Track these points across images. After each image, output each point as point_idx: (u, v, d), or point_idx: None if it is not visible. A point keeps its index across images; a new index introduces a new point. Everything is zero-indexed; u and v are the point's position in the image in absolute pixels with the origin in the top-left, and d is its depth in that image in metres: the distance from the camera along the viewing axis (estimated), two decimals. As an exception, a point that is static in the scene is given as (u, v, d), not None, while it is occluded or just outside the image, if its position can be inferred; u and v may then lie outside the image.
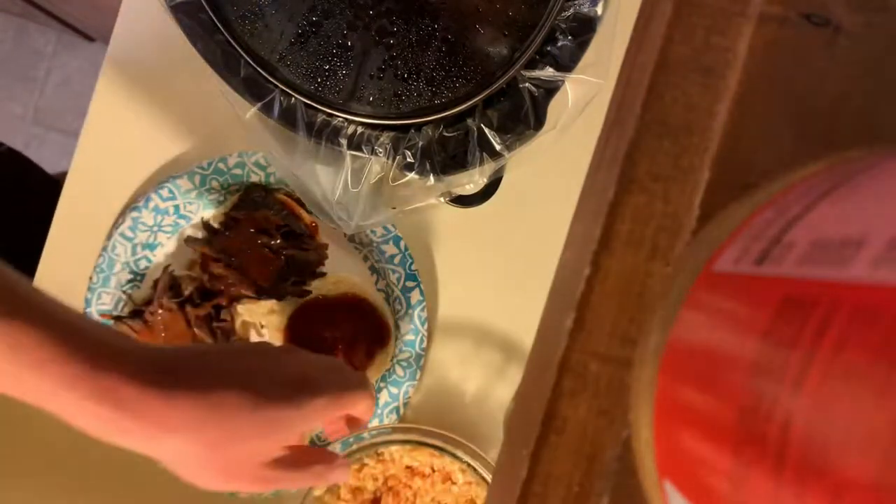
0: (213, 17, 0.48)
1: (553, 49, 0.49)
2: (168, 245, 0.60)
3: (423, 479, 0.58)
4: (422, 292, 0.60)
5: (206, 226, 0.60)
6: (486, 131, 0.50)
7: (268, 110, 0.49)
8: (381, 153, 0.50)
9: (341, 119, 0.50)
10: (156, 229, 0.60)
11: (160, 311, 0.58)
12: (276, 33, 0.49)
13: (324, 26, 0.50)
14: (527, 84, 0.50)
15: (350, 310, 0.59)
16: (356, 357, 0.58)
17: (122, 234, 0.59)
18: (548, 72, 0.49)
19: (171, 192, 0.59)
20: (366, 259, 0.61)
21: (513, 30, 0.49)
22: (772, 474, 0.12)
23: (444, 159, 0.50)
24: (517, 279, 0.61)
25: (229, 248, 0.58)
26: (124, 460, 0.60)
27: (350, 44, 0.50)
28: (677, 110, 0.20)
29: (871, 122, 0.20)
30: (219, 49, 0.49)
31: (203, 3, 0.48)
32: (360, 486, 0.58)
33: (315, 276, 0.59)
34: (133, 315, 0.59)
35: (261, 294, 0.58)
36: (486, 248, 0.62)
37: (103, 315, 0.60)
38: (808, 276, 0.13)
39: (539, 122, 0.50)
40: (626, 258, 0.20)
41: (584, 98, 0.49)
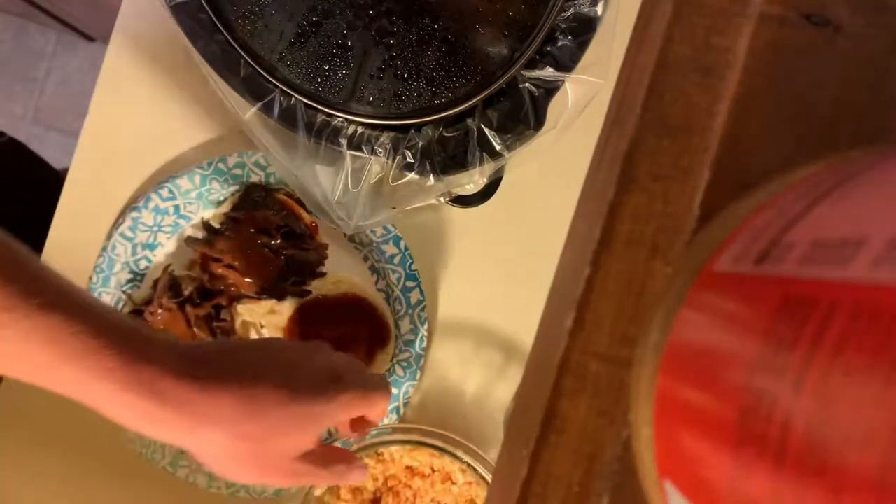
0: (213, 17, 0.48)
1: (553, 49, 0.49)
2: (168, 245, 0.60)
3: (423, 480, 0.58)
4: (422, 292, 0.60)
5: (206, 226, 0.60)
6: (486, 131, 0.50)
7: (268, 110, 0.49)
8: (381, 153, 0.50)
9: (341, 119, 0.50)
10: (156, 229, 0.60)
11: (160, 311, 0.58)
12: (276, 33, 0.49)
13: (324, 26, 0.50)
14: (527, 84, 0.50)
15: (350, 310, 0.59)
16: (356, 357, 0.58)
17: (122, 234, 0.59)
18: (548, 72, 0.49)
19: (171, 192, 0.59)
20: (366, 259, 0.61)
21: (513, 30, 0.49)
22: (772, 473, 0.12)
23: (444, 159, 0.50)
24: (517, 279, 0.61)
25: (229, 248, 0.58)
26: (125, 460, 0.60)
27: (350, 44, 0.50)
28: (677, 110, 0.20)
29: (871, 122, 0.20)
30: (219, 49, 0.49)
31: (203, 3, 0.48)
32: (360, 486, 0.58)
33: (315, 276, 0.59)
34: (133, 315, 0.59)
35: (261, 294, 0.58)
36: (486, 248, 0.62)
37: (103, 315, 0.60)
38: (808, 276, 0.13)
39: (539, 122, 0.50)
40: (626, 258, 0.20)
41: (584, 98, 0.49)
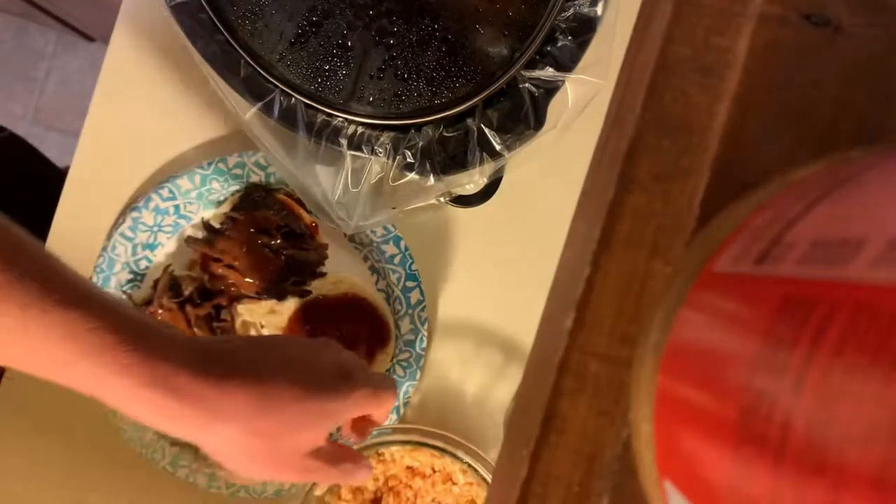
0: (213, 17, 0.48)
1: (553, 49, 0.49)
2: (168, 245, 0.60)
3: (423, 480, 0.58)
4: (422, 292, 0.60)
5: (207, 226, 0.60)
6: (486, 131, 0.50)
7: (268, 110, 0.49)
8: (381, 153, 0.50)
9: (341, 119, 0.50)
10: (156, 229, 0.60)
11: (160, 311, 0.58)
12: (276, 33, 0.49)
13: (324, 26, 0.50)
14: (527, 84, 0.50)
15: (350, 310, 0.59)
16: (356, 357, 0.58)
17: (123, 234, 0.59)
18: (548, 72, 0.49)
19: (171, 192, 0.59)
20: (366, 259, 0.61)
21: (513, 30, 0.49)
22: (772, 473, 0.12)
23: (444, 159, 0.50)
24: (517, 279, 0.61)
25: (229, 248, 0.58)
26: (125, 461, 0.60)
27: (350, 44, 0.50)
28: (677, 110, 0.20)
29: (871, 122, 0.20)
30: (219, 49, 0.49)
31: (203, 3, 0.48)
32: (360, 486, 0.58)
33: (315, 276, 0.59)
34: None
35: (261, 294, 0.58)
36: (486, 248, 0.62)
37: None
38: (808, 276, 0.13)
39: (539, 122, 0.50)
40: (626, 258, 0.20)
41: (584, 98, 0.49)
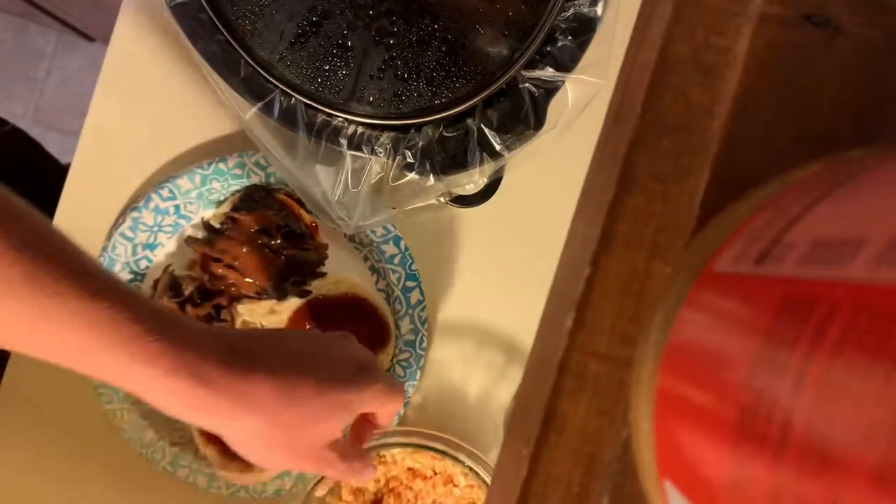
0: (213, 17, 0.48)
1: (553, 49, 0.49)
2: (168, 245, 0.60)
3: (424, 481, 0.57)
4: (422, 292, 0.60)
5: (207, 226, 0.60)
6: (486, 131, 0.50)
7: (268, 110, 0.49)
8: (381, 153, 0.50)
9: (341, 119, 0.50)
10: (156, 229, 0.60)
11: (160, 311, 0.58)
12: (276, 33, 0.49)
13: (324, 26, 0.50)
14: (527, 84, 0.50)
15: (350, 310, 0.59)
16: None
17: (123, 234, 0.59)
18: (548, 72, 0.49)
19: (171, 192, 0.59)
20: (366, 259, 0.61)
21: (513, 30, 0.49)
22: (771, 472, 0.12)
23: (444, 159, 0.50)
24: (517, 279, 0.61)
25: (229, 248, 0.58)
26: (125, 460, 0.60)
27: (350, 44, 0.50)
28: (677, 110, 0.20)
29: (871, 122, 0.20)
30: (219, 49, 0.49)
31: (203, 3, 0.48)
32: (361, 487, 0.57)
33: (315, 276, 0.59)
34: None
35: (261, 294, 0.58)
36: (486, 248, 0.62)
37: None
38: (808, 276, 0.13)
39: (539, 122, 0.50)
40: (626, 258, 0.20)
41: (584, 98, 0.49)
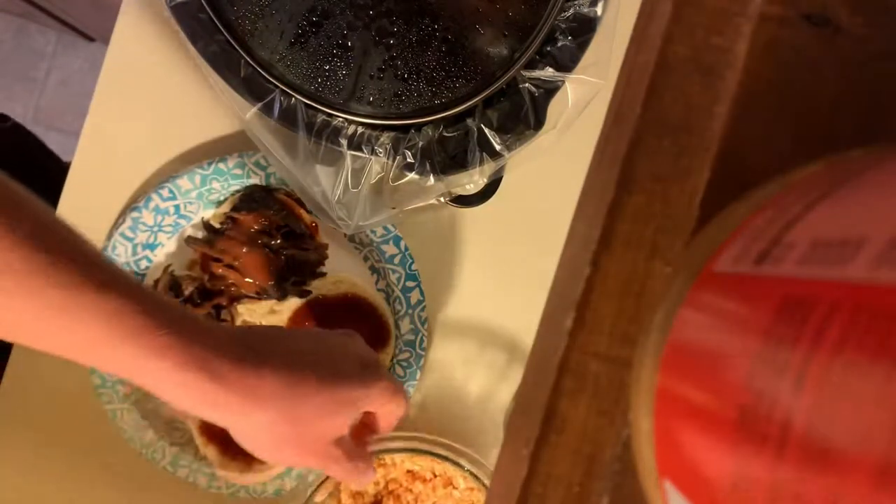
0: (213, 17, 0.48)
1: (553, 49, 0.49)
2: (168, 245, 0.60)
3: (424, 484, 0.57)
4: (422, 292, 0.60)
5: (207, 226, 0.60)
6: (486, 131, 0.50)
7: (268, 110, 0.49)
8: (381, 153, 0.50)
9: (341, 119, 0.50)
10: (156, 229, 0.60)
11: (160, 311, 0.58)
12: (276, 33, 0.49)
13: (324, 26, 0.50)
14: (527, 84, 0.50)
15: (350, 310, 0.59)
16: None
17: (123, 235, 0.59)
18: (548, 72, 0.49)
19: (171, 192, 0.59)
20: (366, 259, 0.61)
21: (513, 30, 0.49)
22: (771, 472, 0.12)
23: (444, 159, 0.50)
24: (517, 279, 0.61)
25: (229, 248, 0.58)
26: (125, 460, 0.60)
27: (350, 44, 0.50)
28: (677, 110, 0.20)
29: (871, 122, 0.20)
30: (219, 49, 0.49)
31: (203, 3, 0.48)
32: (360, 490, 0.57)
33: (315, 276, 0.59)
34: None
35: (261, 294, 0.58)
36: (486, 248, 0.62)
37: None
38: (808, 276, 0.13)
39: (539, 122, 0.50)
40: (626, 258, 0.20)
41: (584, 98, 0.49)
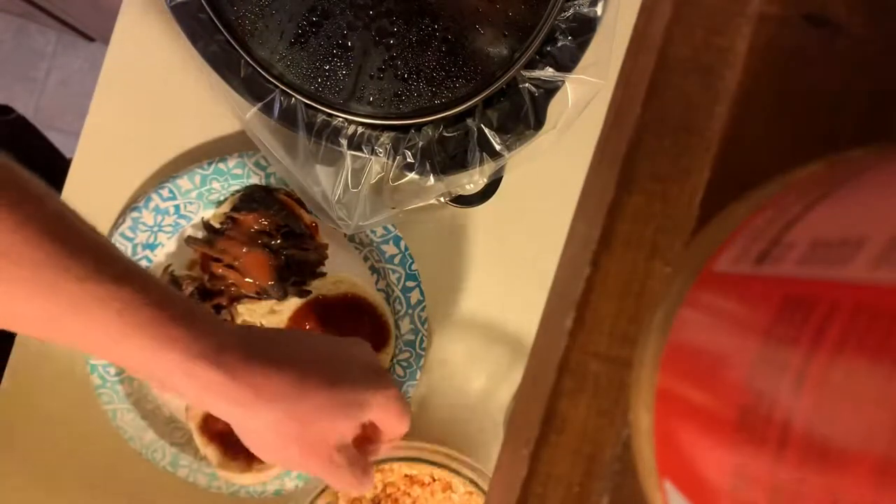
0: (213, 17, 0.48)
1: (553, 49, 0.49)
2: (168, 245, 0.60)
3: (422, 488, 0.57)
4: (422, 292, 0.60)
5: (207, 226, 0.60)
6: (486, 131, 0.50)
7: (268, 110, 0.49)
8: (381, 153, 0.50)
9: (341, 119, 0.50)
10: (156, 229, 0.60)
11: (160, 311, 0.58)
12: (276, 33, 0.49)
13: (324, 26, 0.50)
14: (527, 84, 0.50)
15: (350, 310, 0.59)
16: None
17: (123, 235, 0.59)
18: (548, 72, 0.49)
19: (171, 192, 0.59)
20: (366, 259, 0.61)
21: (513, 30, 0.49)
22: (771, 472, 0.12)
23: (444, 159, 0.50)
24: (517, 279, 0.61)
25: (229, 248, 0.58)
26: (125, 460, 0.60)
27: (350, 44, 0.50)
28: (677, 110, 0.20)
29: (871, 122, 0.20)
30: (219, 49, 0.49)
31: (203, 3, 0.48)
32: (358, 495, 0.57)
33: (315, 276, 0.59)
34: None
35: (261, 294, 0.58)
36: (486, 248, 0.62)
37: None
38: (808, 276, 0.13)
39: (539, 122, 0.50)
40: (626, 258, 0.20)
41: (584, 98, 0.49)
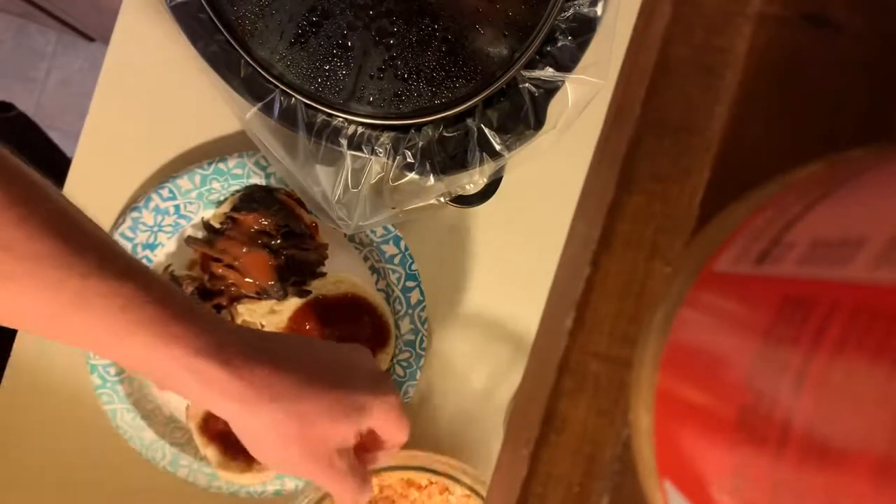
0: (213, 17, 0.48)
1: (553, 49, 0.49)
2: (168, 245, 0.60)
3: (419, 491, 0.57)
4: (422, 292, 0.60)
5: (207, 226, 0.60)
6: (486, 131, 0.50)
7: (268, 110, 0.49)
8: (381, 153, 0.50)
9: (341, 119, 0.50)
10: (156, 229, 0.60)
11: (160, 311, 0.58)
12: (276, 33, 0.49)
13: (324, 26, 0.50)
14: (527, 84, 0.50)
15: (350, 310, 0.59)
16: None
17: (123, 235, 0.59)
18: (548, 72, 0.49)
19: (171, 192, 0.59)
20: (366, 259, 0.61)
21: (513, 30, 0.49)
22: (771, 472, 0.12)
23: (444, 159, 0.50)
24: (517, 279, 0.61)
25: (229, 248, 0.57)
26: (125, 460, 0.60)
27: (350, 44, 0.50)
28: (677, 110, 0.20)
29: (871, 122, 0.20)
30: (219, 49, 0.49)
31: (203, 3, 0.48)
32: None
33: (315, 276, 0.59)
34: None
35: (261, 294, 0.58)
36: (486, 247, 0.62)
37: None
38: (808, 276, 0.13)
39: (539, 122, 0.50)
40: (626, 258, 0.20)
41: (584, 98, 0.49)
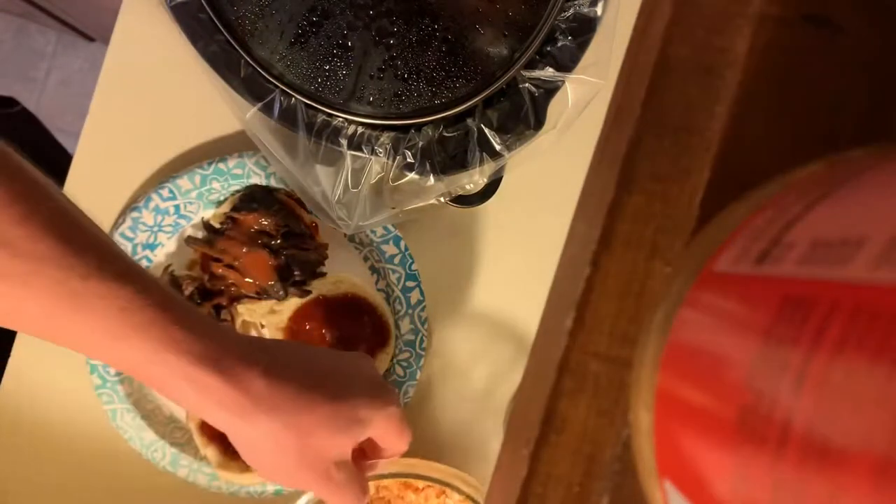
0: (213, 17, 0.48)
1: (553, 49, 0.49)
2: (168, 245, 0.60)
3: (416, 494, 0.57)
4: (422, 292, 0.60)
5: (207, 226, 0.60)
6: (486, 131, 0.50)
7: (268, 110, 0.49)
8: (381, 153, 0.50)
9: (341, 119, 0.50)
10: (156, 229, 0.60)
11: (160, 311, 0.58)
12: (276, 33, 0.49)
13: (324, 26, 0.50)
14: (527, 84, 0.50)
15: (350, 310, 0.59)
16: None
17: (123, 235, 0.59)
18: (548, 72, 0.49)
19: (171, 192, 0.59)
20: (366, 259, 0.61)
21: (513, 30, 0.49)
22: (772, 473, 0.12)
23: (444, 159, 0.50)
24: (517, 279, 0.61)
25: (229, 248, 0.57)
26: (125, 460, 0.60)
27: (350, 44, 0.50)
28: (677, 110, 0.20)
29: (871, 122, 0.20)
30: (219, 49, 0.49)
31: (203, 3, 0.48)
32: None
33: (315, 276, 0.59)
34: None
35: (261, 294, 0.58)
36: (486, 247, 0.62)
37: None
38: (808, 276, 0.13)
39: (539, 122, 0.50)
40: (626, 258, 0.20)
41: (584, 98, 0.49)
